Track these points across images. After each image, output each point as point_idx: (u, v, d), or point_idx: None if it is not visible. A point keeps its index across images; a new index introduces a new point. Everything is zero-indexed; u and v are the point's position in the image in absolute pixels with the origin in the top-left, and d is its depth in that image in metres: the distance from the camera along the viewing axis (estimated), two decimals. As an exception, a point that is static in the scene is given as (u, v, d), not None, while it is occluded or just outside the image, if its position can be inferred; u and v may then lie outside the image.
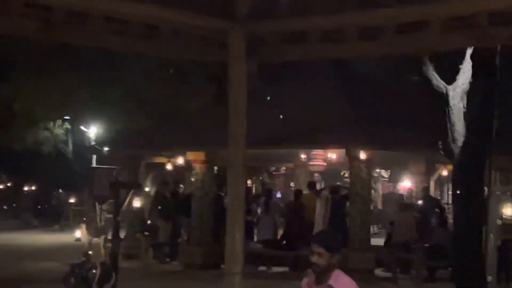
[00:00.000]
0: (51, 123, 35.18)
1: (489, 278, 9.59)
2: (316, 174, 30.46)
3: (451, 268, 16.02)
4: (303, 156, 22.95)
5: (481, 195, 8.65)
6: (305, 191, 21.82)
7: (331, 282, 6.69)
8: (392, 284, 16.21)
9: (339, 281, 6.72)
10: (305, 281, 6.99)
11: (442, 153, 8.23)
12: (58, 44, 21.84)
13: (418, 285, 15.79)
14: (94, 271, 6.05)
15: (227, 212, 8.39)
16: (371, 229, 20.98)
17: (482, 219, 9.09)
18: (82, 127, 36.38)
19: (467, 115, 7.97)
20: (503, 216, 12.07)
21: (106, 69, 29.65)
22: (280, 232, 20.23)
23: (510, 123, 14.76)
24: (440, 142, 8.13)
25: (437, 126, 8.63)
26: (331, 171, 31.20)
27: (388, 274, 17.02)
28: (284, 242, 19.14)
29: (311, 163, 23.96)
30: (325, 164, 23.67)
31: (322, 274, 6.75)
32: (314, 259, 6.66)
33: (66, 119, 35.22)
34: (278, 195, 34.13)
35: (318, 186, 30.54)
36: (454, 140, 7.93)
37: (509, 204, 12.26)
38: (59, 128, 35.93)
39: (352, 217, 17.42)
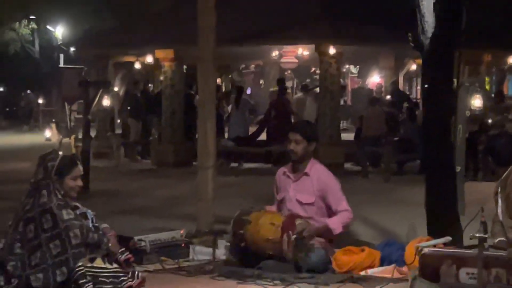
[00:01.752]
0: (16, 23, 34.63)
1: (458, 169, 9.70)
2: (287, 72, 30.43)
3: (419, 160, 16.28)
4: (273, 53, 22.84)
5: (450, 87, 8.67)
6: (274, 88, 21.92)
7: (306, 170, 6.82)
8: (361, 177, 16.43)
9: (314, 168, 6.85)
10: (280, 171, 7.12)
11: (412, 45, 8.21)
12: None
13: (387, 178, 16.03)
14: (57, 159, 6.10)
15: (198, 108, 8.42)
16: (341, 124, 21.15)
17: (451, 110, 9.15)
18: (48, 27, 35.86)
19: (437, 6, 7.92)
20: (471, 108, 12.20)
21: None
22: (251, 130, 20.35)
23: (480, 16, 14.77)
24: (409, 34, 8.10)
25: (407, 19, 8.59)
26: (302, 68, 31.17)
27: (358, 168, 17.24)
28: (266, 138, 19.32)
29: (282, 60, 23.86)
30: (296, 61, 23.56)
31: (298, 163, 6.90)
32: (292, 146, 6.80)
33: (32, 18, 34.65)
34: (248, 91, 34.18)
35: (289, 84, 30.63)
36: (423, 31, 7.88)
37: (477, 96, 12.39)
38: (25, 28, 35.40)
39: (322, 113, 17.50)
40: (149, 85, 25.17)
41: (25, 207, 6.05)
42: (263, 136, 19.80)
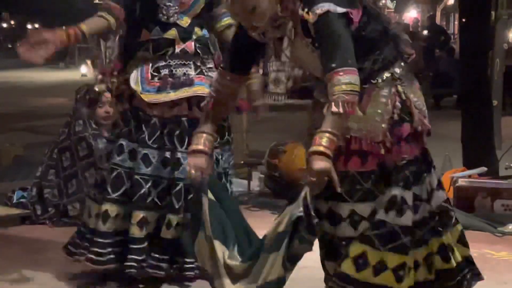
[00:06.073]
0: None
1: (495, 103, 9.62)
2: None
3: (456, 95, 16.12)
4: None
5: (488, 20, 8.55)
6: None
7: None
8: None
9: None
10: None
11: (450, -23, 8.09)
12: None
13: (424, 113, 15.91)
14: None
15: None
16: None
17: (489, 44, 9.04)
18: (83, -38, 35.74)
19: None
20: (510, 41, 11.99)
21: None
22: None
23: None
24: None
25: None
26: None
27: (395, 104, 17.12)
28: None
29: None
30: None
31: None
32: None
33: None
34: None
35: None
36: (461, -37, 7.76)
37: (515, 29, 12.15)
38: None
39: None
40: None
41: (61, 136, 6.12)
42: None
